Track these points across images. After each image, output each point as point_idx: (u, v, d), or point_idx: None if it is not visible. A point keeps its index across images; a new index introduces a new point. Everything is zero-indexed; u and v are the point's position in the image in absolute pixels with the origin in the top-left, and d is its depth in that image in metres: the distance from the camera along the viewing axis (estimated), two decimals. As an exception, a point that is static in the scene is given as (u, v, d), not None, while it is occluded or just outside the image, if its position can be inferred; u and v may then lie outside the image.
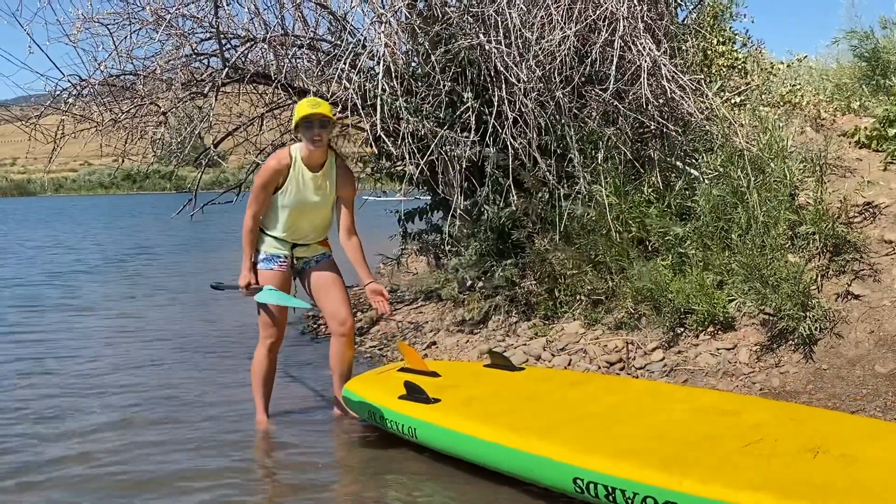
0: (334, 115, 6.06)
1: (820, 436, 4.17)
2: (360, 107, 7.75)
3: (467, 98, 7.78)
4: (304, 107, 5.73)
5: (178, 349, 8.87)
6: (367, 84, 7.87)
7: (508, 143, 7.55)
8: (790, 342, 6.20)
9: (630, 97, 7.48)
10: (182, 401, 6.84)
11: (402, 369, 6.06)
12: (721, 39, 9.08)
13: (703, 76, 8.00)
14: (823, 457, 3.90)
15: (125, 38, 8.69)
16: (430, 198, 9.32)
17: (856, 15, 9.79)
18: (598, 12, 7.42)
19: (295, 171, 5.81)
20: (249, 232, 5.88)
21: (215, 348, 8.82)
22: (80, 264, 18.80)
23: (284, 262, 5.98)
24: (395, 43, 7.96)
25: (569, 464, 4.20)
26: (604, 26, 7.41)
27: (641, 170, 7.60)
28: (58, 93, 8.97)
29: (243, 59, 8.92)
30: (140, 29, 8.76)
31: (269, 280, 5.93)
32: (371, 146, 8.33)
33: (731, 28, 9.44)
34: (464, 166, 7.80)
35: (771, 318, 6.35)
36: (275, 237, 5.95)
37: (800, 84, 9.20)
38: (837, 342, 6.05)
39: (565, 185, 7.63)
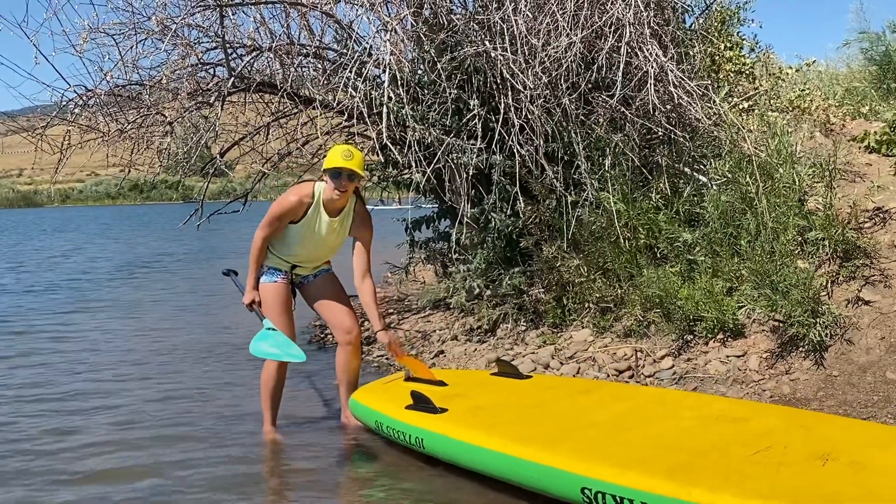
0: (365, 164, 6.02)
1: (830, 443, 4.14)
2: (366, 115, 7.73)
3: (473, 105, 7.75)
4: (336, 156, 5.70)
5: (183, 357, 8.87)
6: (372, 92, 7.84)
7: (515, 150, 7.53)
8: (800, 349, 6.15)
9: (637, 103, 7.45)
10: (187, 409, 6.82)
11: (409, 378, 6.03)
12: (729, 44, 9.03)
13: (710, 82, 7.96)
14: (833, 464, 3.86)
15: (131, 48, 8.72)
16: (436, 206, 9.29)
17: (864, 19, 9.73)
18: (604, 18, 7.40)
19: (314, 211, 5.84)
20: (258, 251, 5.90)
21: (221, 356, 8.79)
22: (90, 273, 18.90)
23: (286, 275, 6.02)
24: (400, 51, 7.93)
25: (576, 473, 4.15)
26: (610, 32, 7.38)
27: (649, 176, 7.56)
28: (64, 103, 8.97)
29: (249, 69, 8.92)
30: (146, 39, 8.79)
31: (270, 292, 5.94)
32: (377, 154, 8.30)
33: (738, 33, 9.38)
34: (470, 174, 7.77)
35: (781, 324, 6.30)
36: (278, 256, 5.98)
37: (809, 89, 9.15)
38: (848, 349, 6.00)
39: (573, 192, 7.59)
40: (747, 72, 9.16)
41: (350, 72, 7.74)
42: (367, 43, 8.28)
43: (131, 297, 14.50)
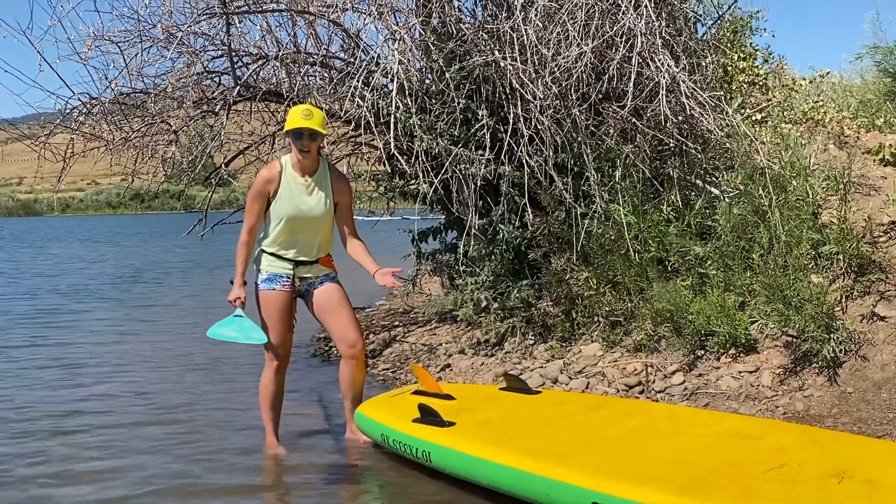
0: (327, 124, 6.00)
1: (844, 461, 4.11)
2: (373, 124, 7.67)
3: (482, 115, 7.71)
4: (296, 117, 5.68)
5: (185, 370, 8.80)
6: (380, 102, 7.79)
7: (524, 161, 7.47)
8: (814, 365, 6.08)
9: (648, 114, 7.38)
10: (190, 424, 6.76)
11: (416, 392, 5.97)
12: (742, 55, 8.97)
13: (723, 92, 7.91)
14: (848, 482, 3.83)
15: (136, 55, 8.71)
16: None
17: (881, 30, 9.69)
18: (615, 28, 7.35)
19: (286, 179, 5.77)
20: (243, 245, 5.81)
21: (224, 370, 8.72)
22: (94, 282, 18.94)
23: (287, 282, 5.86)
24: (408, 60, 7.88)
25: (587, 488, 4.10)
26: (621, 42, 7.33)
27: (660, 188, 7.50)
28: (68, 111, 8.94)
29: (255, 77, 8.89)
30: (151, 46, 8.77)
31: (269, 300, 5.83)
32: (384, 164, 8.25)
33: (751, 43, 9.34)
34: (478, 185, 7.71)
35: (794, 340, 6.23)
36: (275, 254, 5.85)
37: (822, 100, 9.10)
38: (863, 365, 5.93)
39: (582, 204, 7.53)
40: (760, 83, 9.11)
41: (357, 81, 7.71)
42: (375, 52, 8.23)
43: (135, 305, 14.48)
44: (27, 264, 25.22)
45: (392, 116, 7.54)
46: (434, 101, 7.99)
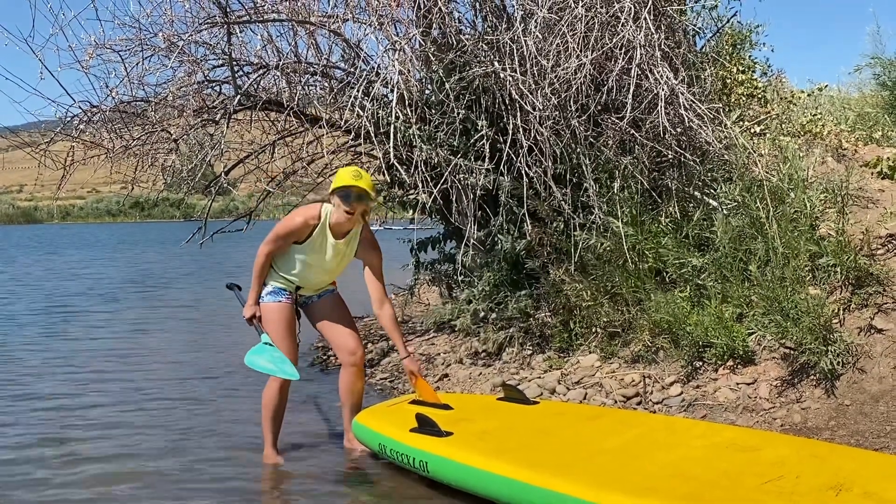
0: (375, 187, 6.00)
1: (843, 473, 4.10)
2: (373, 134, 7.68)
3: (481, 126, 7.72)
4: (345, 175, 5.66)
5: (185, 380, 8.77)
6: (380, 111, 7.80)
7: (523, 171, 7.46)
8: (811, 377, 6.08)
9: (647, 126, 7.38)
10: (189, 433, 6.73)
11: (414, 402, 5.97)
12: (740, 68, 8.98)
13: (721, 105, 7.91)
14: (846, 495, 3.82)
15: (137, 64, 8.70)
16: (442, 227, 9.23)
17: (880, 42, 9.71)
18: (614, 40, 7.35)
19: (319, 233, 5.78)
20: (260, 267, 5.83)
21: (224, 379, 8.70)
22: (101, 286, 19.13)
23: (290, 295, 5.94)
24: (408, 70, 7.88)
25: (585, 500, 4.07)
26: (620, 54, 7.34)
27: (658, 199, 7.50)
28: (68, 119, 8.94)
29: (255, 87, 8.90)
30: (152, 55, 8.77)
31: (275, 312, 5.86)
32: (384, 174, 8.25)
33: (750, 56, 9.34)
34: (478, 195, 7.71)
35: (792, 352, 6.23)
36: (283, 276, 5.90)
37: (821, 113, 9.10)
38: (860, 377, 5.93)
39: (580, 215, 7.53)
40: (759, 95, 9.12)
41: (357, 91, 7.72)
42: (375, 62, 8.24)
43: (135, 315, 14.46)
44: (35, 270, 25.30)
45: (392, 126, 7.55)
46: (434, 111, 8.00)
